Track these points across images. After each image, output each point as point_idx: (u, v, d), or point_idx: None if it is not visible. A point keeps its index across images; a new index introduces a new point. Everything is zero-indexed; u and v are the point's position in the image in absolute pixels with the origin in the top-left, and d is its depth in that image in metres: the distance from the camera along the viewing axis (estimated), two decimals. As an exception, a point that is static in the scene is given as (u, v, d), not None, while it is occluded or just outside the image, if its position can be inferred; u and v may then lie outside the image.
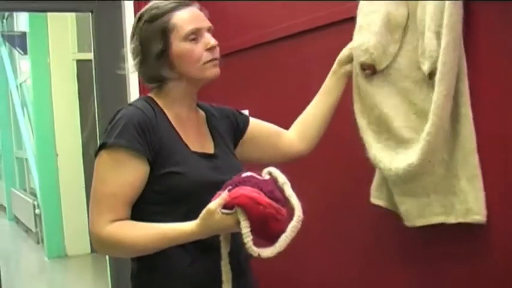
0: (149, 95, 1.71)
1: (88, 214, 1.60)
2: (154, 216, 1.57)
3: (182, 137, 1.65)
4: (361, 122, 1.86)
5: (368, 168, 1.85)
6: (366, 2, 1.79)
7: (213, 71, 1.67)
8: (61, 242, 6.73)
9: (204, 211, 1.46)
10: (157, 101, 1.67)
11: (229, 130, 1.84)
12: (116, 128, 1.56)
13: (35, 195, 7.66)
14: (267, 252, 1.38)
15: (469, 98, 1.62)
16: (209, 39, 1.66)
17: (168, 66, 1.65)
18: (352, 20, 1.93)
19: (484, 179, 1.62)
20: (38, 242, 7.45)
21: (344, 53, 1.88)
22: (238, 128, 1.87)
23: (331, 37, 2.17)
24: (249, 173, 1.48)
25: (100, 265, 5.39)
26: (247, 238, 1.38)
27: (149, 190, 1.58)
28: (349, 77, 1.87)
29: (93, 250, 6.53)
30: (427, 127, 1.62)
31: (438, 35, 1.59)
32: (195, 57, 1.64)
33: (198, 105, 1.81)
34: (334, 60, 1.91)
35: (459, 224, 1.66)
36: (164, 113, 1.65)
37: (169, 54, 1.64)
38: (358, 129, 1.86)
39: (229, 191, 1.43)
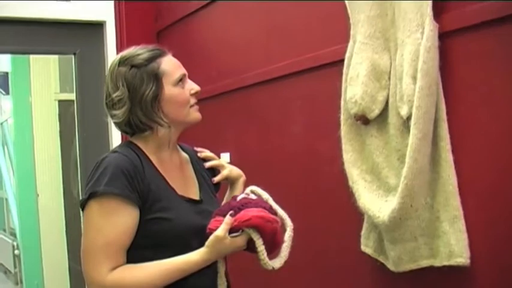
0: (131, 140, 1.71)
1: (81, 264, 1.59)
2: (144, 260, 1.58)
3: (168, 181, 1.67)
4: (352, 171, 1.88)
5: (357, 215, 1.87)
6: (354, 56, 1.83)
7: (197, 115, 1.73)
8: (40, 283, 6.59)
9: (212, 238, 1.54)
10: (140, 147, 1.68)
11: (208, 180, 1.86)
12: (104, 176, 1.56)
13: (14, 235, 7.55)
14: (277, 263, 1.55)
15: (448, 142, 1.66)
16: (193, 85, 1.72)
17: (160, 111, 1.65)
18: (327, 65, 1.98)
19: (467, 221, 1.64)
20: (16, 283, 7.31)
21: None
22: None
23: (309, 81, 2.21)
24: (241, 195, 1.62)
25: (80, 307, 5.29)
26: (264, 255, 1.54)
27: (137, 235, 1.59)
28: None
29: (73, 291, 6.46)
30: (404, 171, 1.65)
31: (415, 80, 1.63)
32: (185, 101, 1.69)
33: (181, 148, 1.83)
34: (312, 103, 1.94)
35: (445, 266, 1.68)
36: (148, 158, 1.66)
37: (162, 98, 1.65)
38: (346, 179, 1.89)
39: (231, 215, 1.53)
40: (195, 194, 1.75)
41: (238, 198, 1.60)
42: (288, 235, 1.59)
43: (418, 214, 1.70)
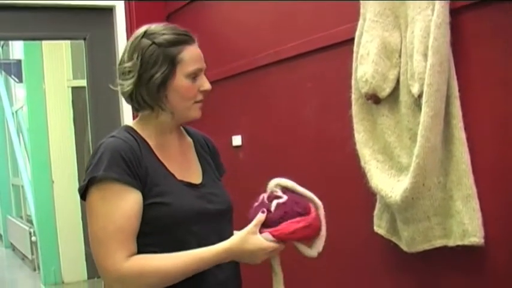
0: (130, 125, 1.67)
1: (93, 254, 1.53)
2: (146, 247, 1.54)
3: (167, 166, 1.63)
4: (364, 152, 1.87)
5: (370, 196, 1.86)
6: (364, 34, 1.80)
7: (197, 113, 1.66)
8: (57, 269, 6.67)
9: (242, 231, 1.53)
10: (138, 131, 1.64)
11: (213, 164, 1.82)
12: (102, 161, 1.52)
13: (31, 222, 7.62)
14: (320, 247, 1.59)
15: (461, 119, 1.63)
16: (205, 82, 1.65)
17: (165, 96, 1.60)
18: (338, 44, 1.95)
19: (480, 200, 1.61)
20: (34, 269, 7.39)
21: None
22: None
23: (320, 62, 2.19)
24: (274, 203, 1.58)
25: (96, 292, 5.35)
26: (310, 253, 1.58)
27: None
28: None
29: (89, 276, 6.51)
30: (416, 150, 1.63)
31: (426, 57, 1.61)
32: (190, 95, 1.62)
33: (186, 131, 1.80)
34: (324, 83, 1.91)
35: (458, 246, 1.65)
36: (146, 142, 1.62)
37: (170, 85, 1.59)
38: (359, 160, 1.88)
39: (263, 212, 1.55)
40: (196, 178, 1.69)
41: (272, 208, 1.56)
42: (322, 215, 1.60)
43: (430, 193, 1.68)
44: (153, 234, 1.56)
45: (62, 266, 6.67)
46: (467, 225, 1.63)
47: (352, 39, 1.88)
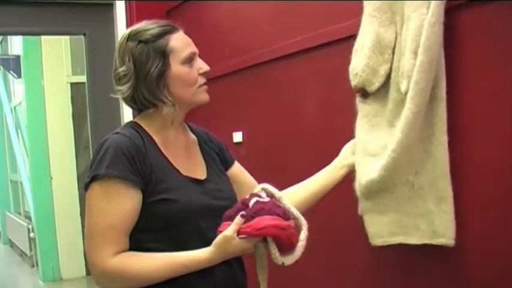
0: (135, 120, 1.68)
1: (84, 247, 1.57)
2: (144, 244, 1.55)
3: (172, 162, 1.63)
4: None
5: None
6: (361, 27, 1.79)
7: (205, 96, 1.68)
8: (56, 265, 6.67)
9: (219, 238, 1.50)
10: (144, 127, 1.64)
11: (217, 160, 1.82)
12: (105, 158, 1.53)
13: (29, 218, 7.61)
14: (288, 260, 1.54)
15: (444, 122, 1.62)
16: (203, 64, 1.68)
17: (166, 89, 1.61)
18: (344, 40, 1.94)
19: (460, 202, 1.62)
20: (32, 266, 7.38)
21: (348, 146, 1.87)
22: (223, 163, 1.85)
23: (323, 58, 2.17)
24: (253, 199, 1.56)
25: (95, 288, 5.33)
26: (278, 258, 1.52)
27: (140, 218, 1.56)
28: (349, 168, 1.85)
29: (88, 273, 6.49)
30: (393, 144, 1.63)
31: (416, 55, 1.60)
32: (192, 80, 1.64)
33: (190, 128, 1.80)
34: (327, 80, 1.90)
35: (435, 246, 1.65)
36: (151, 138, 1.63)
37: (168, 76, 1.61)
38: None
39: (242, 216, 1.50)
40: (201, 174, 1.70)
41: (251, 203, 1.55)
42: (304, 235, 1.56)
43: (395, 188, 1.69)
44: (154, 231, 1.56)
45: (61, 263, 6.66)
46: (437, 226, 1.64)
47: (356, 35, 1.87)
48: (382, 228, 1.75)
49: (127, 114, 3.24)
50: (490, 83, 1.57)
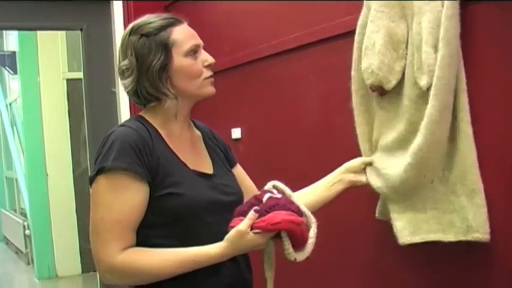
0: (140, 114, 1.67)
1: (90, 243, 1.54)
2: (151, 239, 1.53)
3: (179, 156, 1.61)
4: (366, 145, 1.86)
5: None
6: (369, 24, 1.77)
7: (210, 89, 1.67)
8: (51, 262, 6.64)
9: (233, 232, 1.48)
10: (149, 120, 1.63)
11: (222, 156, 1.81)
12: (111, 150, 1.51)
13: (25, 215, 7.59)
14: (300, 256, 1.53)
15: (468, 113, 1.60)
16: (207, 56, 1.66)
17: (169, 82, 1.60)
18: (343, 35, 1.92)
19: (488, 195, 1.58)
20: (28, 263, 7.36)
21: (353, 162, 1.85)
22: (227, 161, 1.83)
23: (323, 53, 2.16)
24: (267, 195, 1.55)
25: (91, 286, 5.32)
26: (291, 254, 1.51)
27: (147, 213, 1.54)
28: (349, 185, 1.84)
29: (83, 271, 6.48)
30: (419, 142, 1.61)
31: (436, 49, 1.57)
32: (196, 73, 1.62)
33: (195, 124, 1.78)
34: (326, 76, 1.88)
35: (463, 242, 1.62)
36: (158, 132, 1.61)
37: (171, 68, 1.59)
38: (360, 153, 1.87)
39: (256, 211, 1.50)
40: (208, 169, 1.69)
41: (264, 198, 1.54)
42: (313, 232, 1.55)
43: (432, 186, 1.66)
44: (161, 226, 1.55)
45: (56, 260, 6.64)
46: (471, 221, 1.60)
47: (355, 31, 1.85)
48: (420, 226, 1.70)
49: (124, 110, 3.23)
50: (503, 76, 1.56)
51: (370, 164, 1.83)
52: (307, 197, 1.79)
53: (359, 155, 1.87)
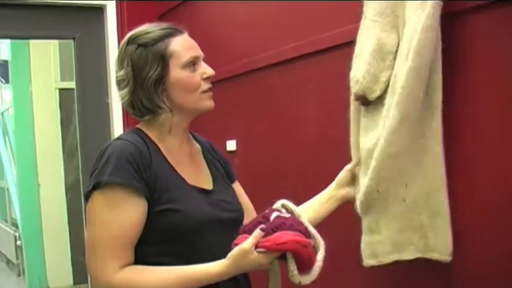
0: (138, 126, 1.62)
1: (82, 255, 1.51)
2: (149, 257, 1.49)
3: (177, 170, 1.57)
4: (354, 155, 1.82)
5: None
6: (363, 31, 1.74)
7: (208, 103, 1.62)
8: (43, 274, 6.58)
9: (236, 250, 1.43)
10: (147, 133, 1.58)
11: (222, 171, 1.77)
12: (107, 164, 1.46)
13: (16, 226, 7.53)
14: (306, 280, 1.49)
15: (440, 132, 1.56)
16: (207, 69, 1.61)
17: (165, 95, 1.55)
18: (340, 46, 1.89)
19: (458, 215, 1.56)
20: (19, 275, 7.30)
21: (341, 175, 1.81)
22: (227, 176, 1.79)
23: (320, 64, 2.13)
24: (275, 213, 1.51)
25: (82, 298, 5.27)
26: (296, 276, 1.47)
27: (147, 230, 1.49)
28: (342, 201, 1.81)
29: (75, 282, 6.42)
30: (375, 153, 1.58)
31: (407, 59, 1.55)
32: (194, 86, 1.58)
33: (194, 137, 1.74)
34: (323, 87, 1.85)
35: (432, 261, 1.60)
36: (156, 145, 1.57)
37: (167, 81, 1.55)
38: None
39: (262, 230, 1.45)
40: (208, 185, 1.64)
41: (272, 217, 1.50)
42: (321, 255, 1.51)
43: (387, 204, 1.62)
44: (159, 243, 1.50)
45: (48, 271, 6.58)
46: (430, 240, 1.58)
47: (355, 42, 1.82)
48: (377, 248, 1.68)
49: (117, 121, 3.20)
50: (495, 93, 1.51)
51: (353, 169, 1.79)
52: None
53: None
